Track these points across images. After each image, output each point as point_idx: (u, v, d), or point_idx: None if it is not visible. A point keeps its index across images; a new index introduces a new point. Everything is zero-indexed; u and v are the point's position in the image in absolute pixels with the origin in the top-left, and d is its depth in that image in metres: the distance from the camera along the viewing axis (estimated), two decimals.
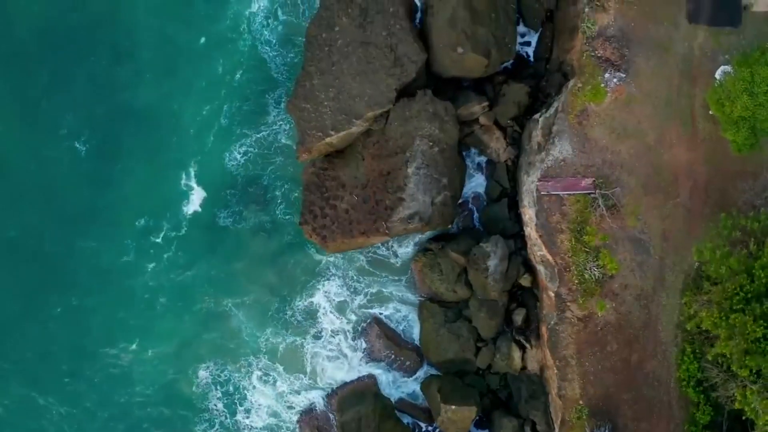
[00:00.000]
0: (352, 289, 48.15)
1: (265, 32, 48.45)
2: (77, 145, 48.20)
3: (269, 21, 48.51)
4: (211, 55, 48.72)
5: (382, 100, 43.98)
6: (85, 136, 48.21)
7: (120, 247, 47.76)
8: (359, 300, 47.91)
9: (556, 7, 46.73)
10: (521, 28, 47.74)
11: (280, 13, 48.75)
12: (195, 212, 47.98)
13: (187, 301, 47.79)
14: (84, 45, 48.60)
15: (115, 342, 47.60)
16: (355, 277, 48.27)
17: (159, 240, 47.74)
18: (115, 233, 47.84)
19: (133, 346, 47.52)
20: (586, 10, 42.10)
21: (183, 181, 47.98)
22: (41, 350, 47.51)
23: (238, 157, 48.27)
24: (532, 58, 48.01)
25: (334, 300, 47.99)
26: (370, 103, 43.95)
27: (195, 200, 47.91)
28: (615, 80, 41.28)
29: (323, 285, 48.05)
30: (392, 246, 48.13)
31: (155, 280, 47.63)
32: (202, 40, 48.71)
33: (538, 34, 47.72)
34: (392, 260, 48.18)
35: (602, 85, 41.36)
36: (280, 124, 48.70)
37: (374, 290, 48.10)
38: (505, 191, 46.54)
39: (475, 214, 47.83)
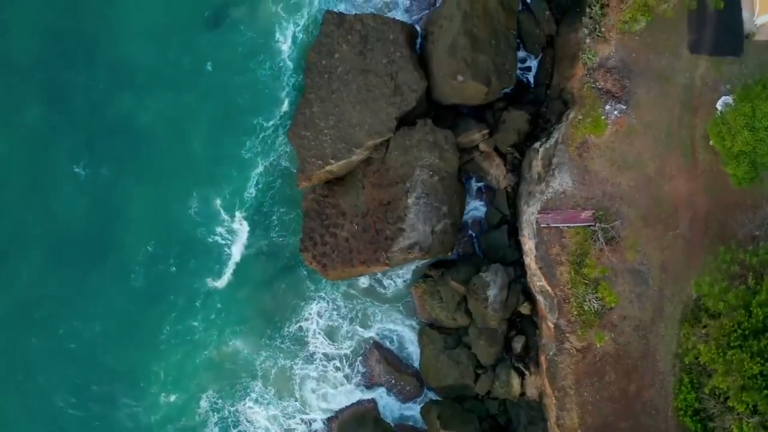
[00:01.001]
0: (348, 314, 48.32)
1: (286, 59, 48.24)
2: (76, 170, 48.30)
3: (289, 47, 48.31)
4: (220, 82, 48.66)
5: (382, 129, 43.98)
6: (91, 162, 48.37)
7: (127, 276, 47.73)
8: (357, 325, 48.16)
9: (557, 33, 46.54)
10: (521, 53, 47.63)
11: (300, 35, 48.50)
12: (204, 241, 47.92)
13: (191, 331, 47.88)
14: (96, 72, 48.74)
15: (118, 375, 47.59)
16: (353, 302, 48.44)
17: (170, 267, 47.76)
18: (122, 260, 47.90)
19: (138, 379, 47.53)
20: (587, 41, 42.00)
21: (192, 210, 47.95)
22: (43, 381, 47.49)
23: (251, 186, 48.06)
24: (532, 84, 47.89)
25: (330, 325, 48.12)
26: (371, 131, 43.94)
27: (205, 228, 47.92)
28: (615, 112, 41.20)
29: (320, 309, 48.19)
30: (383, 276, 48.44)
31: (160, 309, 47.62)
32: (209, 65, 48.65)
33: (538, 60, 47.59)
34: (385, 289, 48.51)
35: (603, 117, 41.31)
36: (282, 147, 48.66)
37: (372, 315, 48.36)
38: (505, 218, 46.59)
39: (475, 240, 47.94)
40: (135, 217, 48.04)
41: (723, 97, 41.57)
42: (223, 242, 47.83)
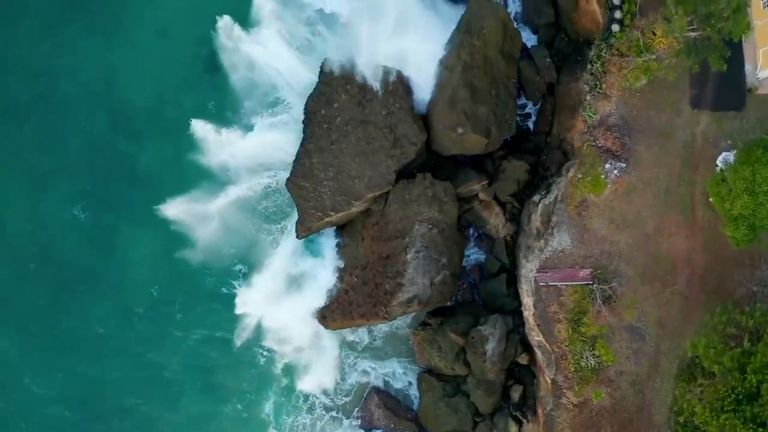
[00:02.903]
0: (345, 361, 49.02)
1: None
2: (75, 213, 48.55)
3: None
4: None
5: (381, 182, 43.90)
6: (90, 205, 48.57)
7: (129, 323, 48.29)
8: (357, 370, 48.85)
9: (557, 81, 46.12)
10: (521, 100, 47.26)
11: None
12: (204, 284, 48.27)
13: (199, 374, 48.57)
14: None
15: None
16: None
17: (176, 314, 48.26)
18: (123, 305, 48.41)
19: None
20: (588, 98, 41.67)
21: (194, 260, 48.25)
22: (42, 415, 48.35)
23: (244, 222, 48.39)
24: (532, 130, 47.62)
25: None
26: (370, 184, 43.85)
27: (213, 278, 48.26)
28: (615, 171, 41.09)
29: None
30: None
31: (167, 353, 48.17)
32: (210, 105, 48.77)
33: (538, 108, 47.28)
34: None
35: (602, 176, 41.22)
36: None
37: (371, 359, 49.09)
38: (504, 266, 46.68)
39: (474, 287, 48.03)
40: (135, 262, 48.35)
41: (723, 153, 41.44)
42: (228, 292, 48.16)
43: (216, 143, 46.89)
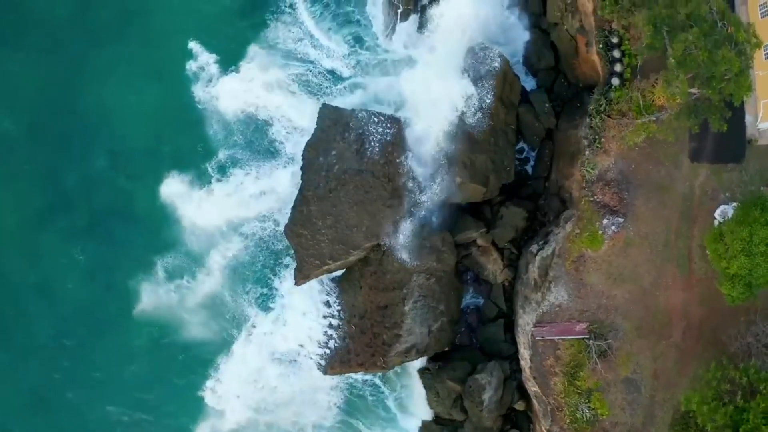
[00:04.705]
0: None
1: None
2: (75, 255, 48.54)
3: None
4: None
5: (379, 232, 43.81)
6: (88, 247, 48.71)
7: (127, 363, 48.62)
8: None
9: (557, 127, 45.79)
10: (519, 144, 46.94)
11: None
12: (209, 333, 48.69)
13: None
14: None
15: None
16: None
17: (178, 356, 48.50)
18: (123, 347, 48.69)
19: None
20: (587, 152, 41.43)
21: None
22: None
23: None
24: (530, 174, 47.38)
25: None
26: (368, 234, 43.78)
27: (213, 321, 48.66)
28: (613, 227, 41.06)
29: None
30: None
31: (173, 395, 48.62)
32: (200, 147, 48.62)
33: (536, 153, 46.98)
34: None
35: (600, 231, 41.17)
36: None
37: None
38: (502, 311, 46.77)
39: (472, 331, 48.12)
40: (133, 305, 48.57)
41: (721, 206, 41.44)
42: (226, 337, 48.58)
43: (206, 193, 47.58)
